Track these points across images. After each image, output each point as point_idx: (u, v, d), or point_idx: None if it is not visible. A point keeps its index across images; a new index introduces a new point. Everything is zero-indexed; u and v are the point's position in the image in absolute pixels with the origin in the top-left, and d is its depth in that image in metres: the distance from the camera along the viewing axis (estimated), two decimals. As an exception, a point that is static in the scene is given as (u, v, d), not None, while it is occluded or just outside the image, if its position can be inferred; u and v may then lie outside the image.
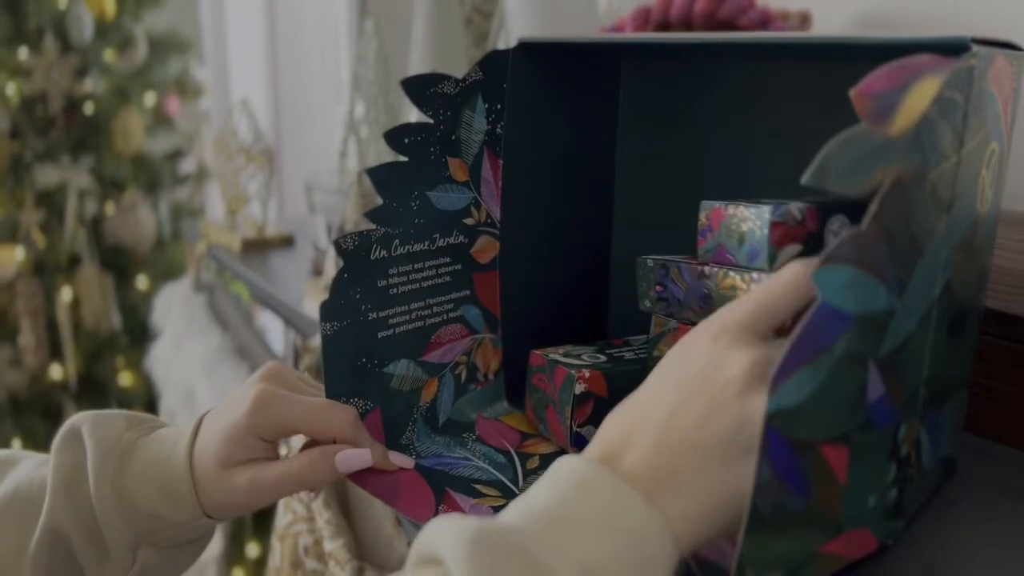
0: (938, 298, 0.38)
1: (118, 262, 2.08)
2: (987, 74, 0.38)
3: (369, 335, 0.52)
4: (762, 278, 0.44)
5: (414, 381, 0.55)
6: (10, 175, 1.92)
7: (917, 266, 0.35)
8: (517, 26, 1.07)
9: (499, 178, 0.57)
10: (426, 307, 0.55)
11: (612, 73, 0.65)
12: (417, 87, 0.52)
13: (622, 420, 0.36)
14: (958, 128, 0.37)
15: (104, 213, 2.06)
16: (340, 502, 0.82)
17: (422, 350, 0.55)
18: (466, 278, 0.57)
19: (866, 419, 0.34)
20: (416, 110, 0.52)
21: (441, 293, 0.55)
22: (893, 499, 0.39)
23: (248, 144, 1.30)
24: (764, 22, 0.78)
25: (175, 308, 1.43)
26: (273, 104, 2.33)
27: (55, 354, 2.01)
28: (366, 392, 0.52)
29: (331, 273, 0.95)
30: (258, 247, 1.29)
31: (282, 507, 0.85)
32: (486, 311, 0.59)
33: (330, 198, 1.13)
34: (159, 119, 2.16)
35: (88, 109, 1.99)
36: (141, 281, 2.12)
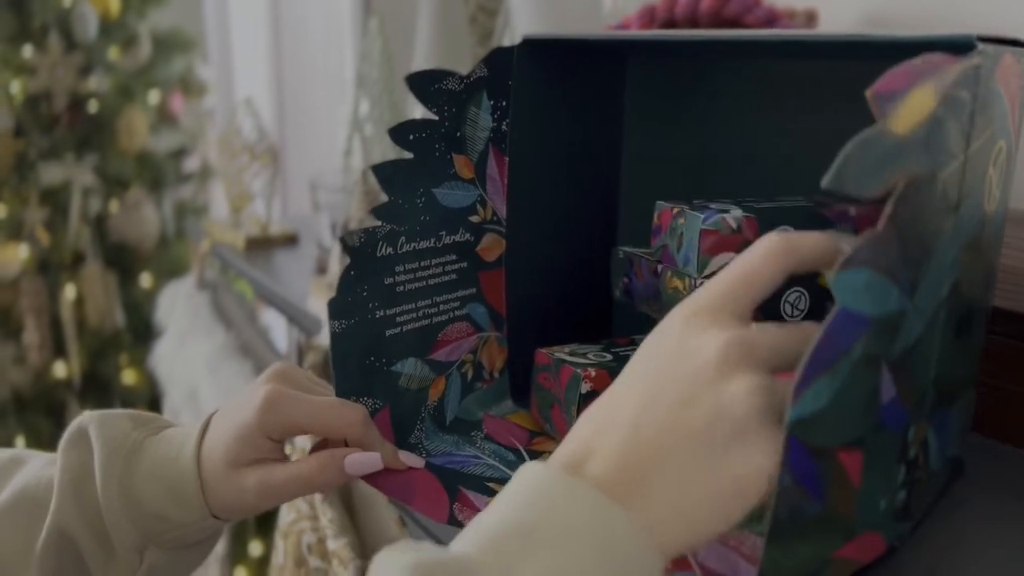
0: (946, 298, 0.38)
1: (122, 260, 2.08)
2: (994, 72, 0.38)
3: (377, 333, 0.51)
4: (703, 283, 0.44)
5: (421, 380, 0.54)
6: (14, 173, 1.93)
7: (925, 267, 0.35)
8: (522, 24, 1.07)
9: (505, 175, 0.57)
10: (432, 305, 0.54)
11: (617, 70, 0.65)
12: (422, 83, 0.51)
13: (593, 418, 0.34)
14: (965, 127, 0.36)
15: (108, 211, 2.06)
16: (344, 501, 0.82)
17: (429, 348, 0.55)
18: (472, 276, 0.57)
19: (879, 421, 0.34)
20: (421, 108, 0.52)
21: (447, 291, 0.55)
22: (902, 501, 0.39)
23: (252, 142, 1.30)
24: (770, 20, 0.78)
25: (179, 306, 1.44)
26: (277, 102, 2.34)
27: (59, 352, 2.01)
28: (375, 391, 0.52)
29: (335, 271, 0.95)
30: (262, 245, 1.29)
31: (285, 505, 0.85)
32: (492, 309, 0.59)
33: (334, 196, 1.13)
34: (163, 117, 2.17)
35: (92, 107, 2.00)
36: (145, 279, 2.12)
